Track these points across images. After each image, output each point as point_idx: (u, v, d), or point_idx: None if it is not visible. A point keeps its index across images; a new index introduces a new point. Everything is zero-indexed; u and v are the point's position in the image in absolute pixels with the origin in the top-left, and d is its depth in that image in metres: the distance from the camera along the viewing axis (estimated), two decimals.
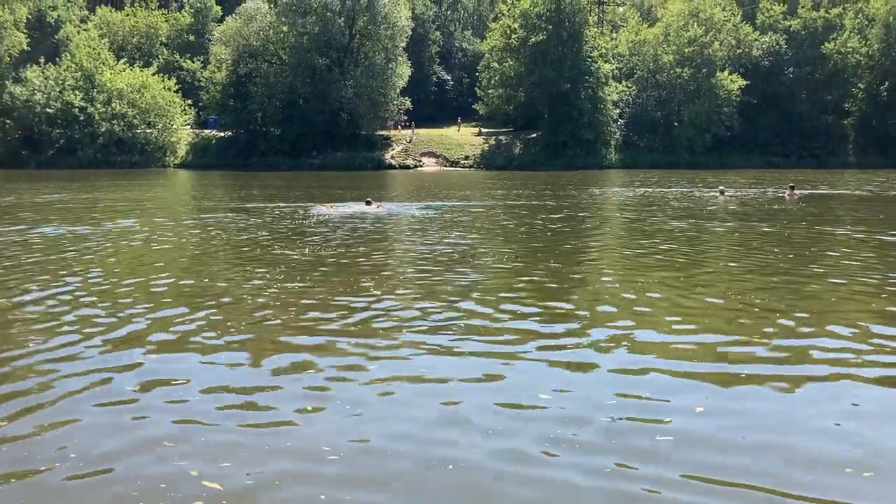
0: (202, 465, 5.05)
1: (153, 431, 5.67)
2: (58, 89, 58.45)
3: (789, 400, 6.37)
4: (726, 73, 66.65)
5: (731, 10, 70.77)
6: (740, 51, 69.45)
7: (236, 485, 4.78)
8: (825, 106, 70.51)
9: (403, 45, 63.94)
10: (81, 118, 57.69)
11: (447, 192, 32.85)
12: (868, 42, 69.04)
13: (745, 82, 66.09)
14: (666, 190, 34.46)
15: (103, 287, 11.01)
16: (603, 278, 12.25)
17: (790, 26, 70.71)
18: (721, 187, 31.62)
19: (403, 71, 63.51)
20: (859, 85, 69.77)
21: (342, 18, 62.15)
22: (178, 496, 4.66)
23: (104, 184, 37.89)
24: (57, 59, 62.69)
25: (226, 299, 10.27)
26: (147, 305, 9.80)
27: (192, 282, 11.50)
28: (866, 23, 70.03)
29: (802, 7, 71.01)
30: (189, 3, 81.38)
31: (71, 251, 14.68)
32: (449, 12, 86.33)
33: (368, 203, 24.13)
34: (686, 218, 21.80)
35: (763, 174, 50.37)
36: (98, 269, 12.55)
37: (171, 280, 11.69)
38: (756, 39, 70.28)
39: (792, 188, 29.50)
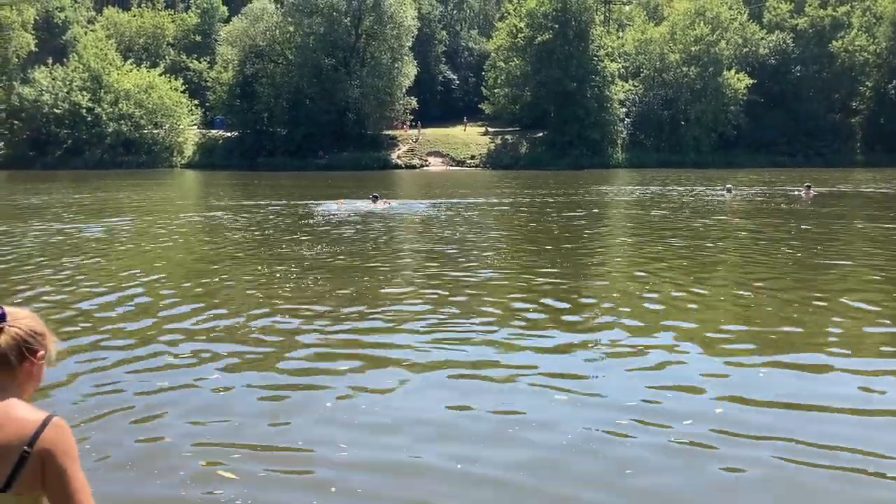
0: (218, 458, 5.08)
1: (168, 425, 5.71)
2: (65, 90, 58.48)
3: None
4: (733, 71, 66.38)
5: (737, 9, 70.46)
6: (747, 49, 69.17)
7: (250, 477, 4.81)
8: (832, 104, 70.18)
9: (409, 44, 63.81)
10: (89, 119, 57.72)
11: (454, 191, 32.86)
12: (876, 40, 68.62)
13: (751, 81, 65.76)
14: (682, 188, 34.39)
15: (129, 285, 11.08)
16: (622, 276, 12.24)
17: (797, 25, 70.39)
18: (728, 185, 31.59)
19: (409, 70, 63.41)
20: (867, 83, 69.38)
21: (348, 18, 62.13)
22: (194, 485, 4.70)
23: (120, 184, 38.02)
24: (64, 59, 62.78)
25: (240, 297, 10.30)
26: (167, 303, 9.85)
27: (208, 280, 11.56)
28: (874, 21, 69.59)
29: (809, 5, 70.66)
30: (195, 3, 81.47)
31: (108, 247, 14.80)
32: (455, 12, 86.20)
33: (375, 200, 24.17)
34: (705, 216, 21.77)
35: (772, 173, 50.22)
36: (134, 269, 12.65)
37: (190, 278, 11.77)
38: (763, 38, 70.00)
39: (808, 187, 29.52)
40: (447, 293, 10.34)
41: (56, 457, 2.06)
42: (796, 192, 29.66)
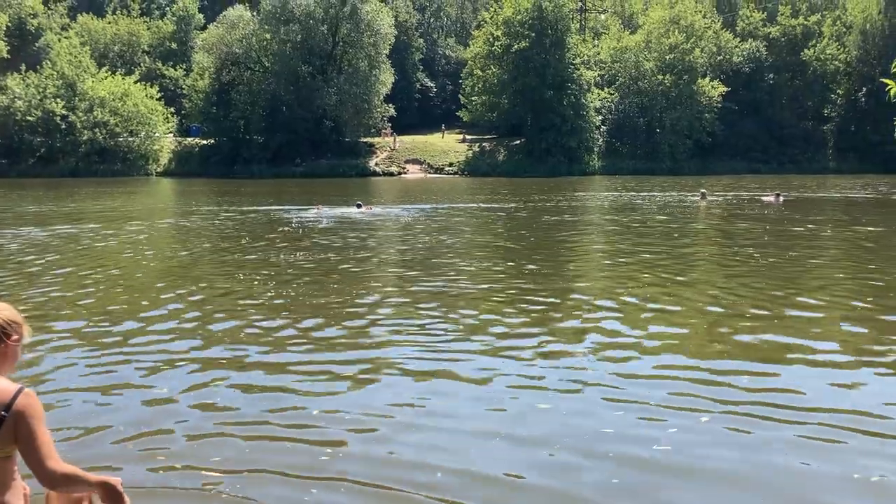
0: (205, 460, 5.09)
1: (166, 425, 5.70)
2: (39, 97, 57.80)
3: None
4: (707, 79, 67.22)
5: (711, 18, 71.42)
6: (721, 57, 70.06)
7: (236, 479, 4.82)
8: (805, 112, 71.26)
9: (387, 52, 63.90)
10: (63, 126, 57.06)
11: (432, 198, 32.92)
12: (846, 49, 69.88)
13: (725, 89, 66.66)
14: (657, 194, 34.71)
15: (121, 295, 11.00)
16: (598, 281, 12.36)
17: (770, 33, 71.47)
18: (702, 191, 32.01)
19: (387, 78, 63.49)
20: (838, 91, 70.58)
21: (325, 26, 62.09)
22: (184, 484, 4.71)
23: (96, 192, 37.61)
24: (38, 66, 62.02)
25: (218, 305, 10.27)
26: (147, 311, 9.80)
27: (186, 288, 11.51)
28: (844, 30, 70.88)
29: (781, 14, 71.81)
30: (171, 10, 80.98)
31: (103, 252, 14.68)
32: (432, 20, 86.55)
33: (358, 206, 24.29)
34: (680, 221, 22.01)
35: (746, 180, 50.84)
36: (111, 276, 12.54)
37: (168, 286, 11.70)
38: (736, 46, 70.94)
39: (777, 194, 30.13)
40: (430, 300, 10.38)
41: (27, 418, 2.65)
42: (766, 199, 30.26)
